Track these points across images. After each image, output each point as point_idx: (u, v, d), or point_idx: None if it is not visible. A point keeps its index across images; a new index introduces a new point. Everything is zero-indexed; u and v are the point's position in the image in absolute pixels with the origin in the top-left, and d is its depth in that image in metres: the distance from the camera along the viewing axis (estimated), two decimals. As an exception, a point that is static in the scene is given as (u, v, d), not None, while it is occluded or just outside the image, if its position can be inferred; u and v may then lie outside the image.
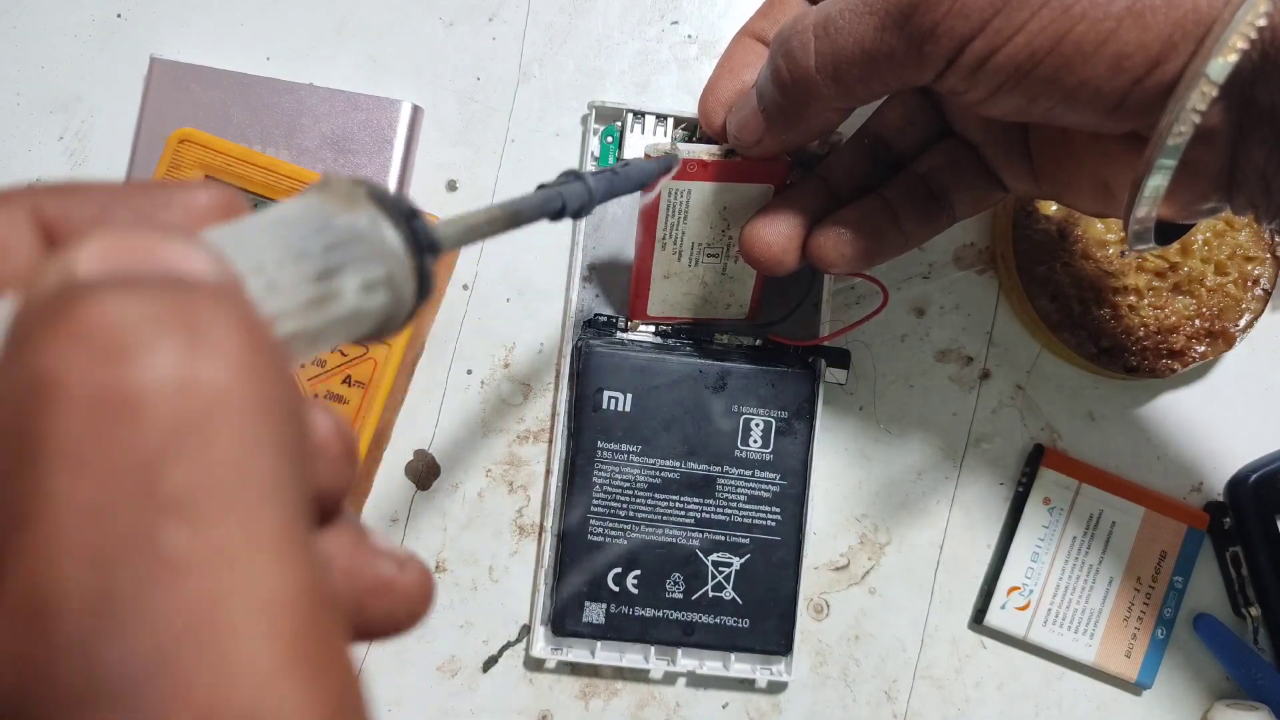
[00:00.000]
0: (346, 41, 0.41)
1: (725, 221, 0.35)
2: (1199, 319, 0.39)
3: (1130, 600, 0.40)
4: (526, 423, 0.40)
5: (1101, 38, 0.24)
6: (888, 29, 0.27)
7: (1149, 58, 0.24)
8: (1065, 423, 0.41)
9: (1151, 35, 0.24)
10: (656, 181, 0.32)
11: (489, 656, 0.40)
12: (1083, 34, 0.24)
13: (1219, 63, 0.23)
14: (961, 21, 0.25)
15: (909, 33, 0.26)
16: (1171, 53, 0.24)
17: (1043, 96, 0.26)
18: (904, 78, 0.28)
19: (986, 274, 0.41)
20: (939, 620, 0.41)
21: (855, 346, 0.41)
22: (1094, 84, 0.25)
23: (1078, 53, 0.25)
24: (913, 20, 0.26)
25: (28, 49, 0.41)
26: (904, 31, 0.26)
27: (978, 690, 0.41)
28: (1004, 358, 0.41)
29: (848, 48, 0.27)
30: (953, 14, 0.25)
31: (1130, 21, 0.24)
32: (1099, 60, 0.25)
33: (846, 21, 0.27)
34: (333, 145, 0.39)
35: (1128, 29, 0.24)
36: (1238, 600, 0.41)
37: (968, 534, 0.41)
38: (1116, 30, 0.24)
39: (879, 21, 0.27)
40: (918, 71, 0.27)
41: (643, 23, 0.42)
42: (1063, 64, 0.25)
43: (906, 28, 0.26)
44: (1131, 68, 0.24)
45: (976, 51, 0.26)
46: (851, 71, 0.28)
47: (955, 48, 0.26)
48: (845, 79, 0.28)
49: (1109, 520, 0.40)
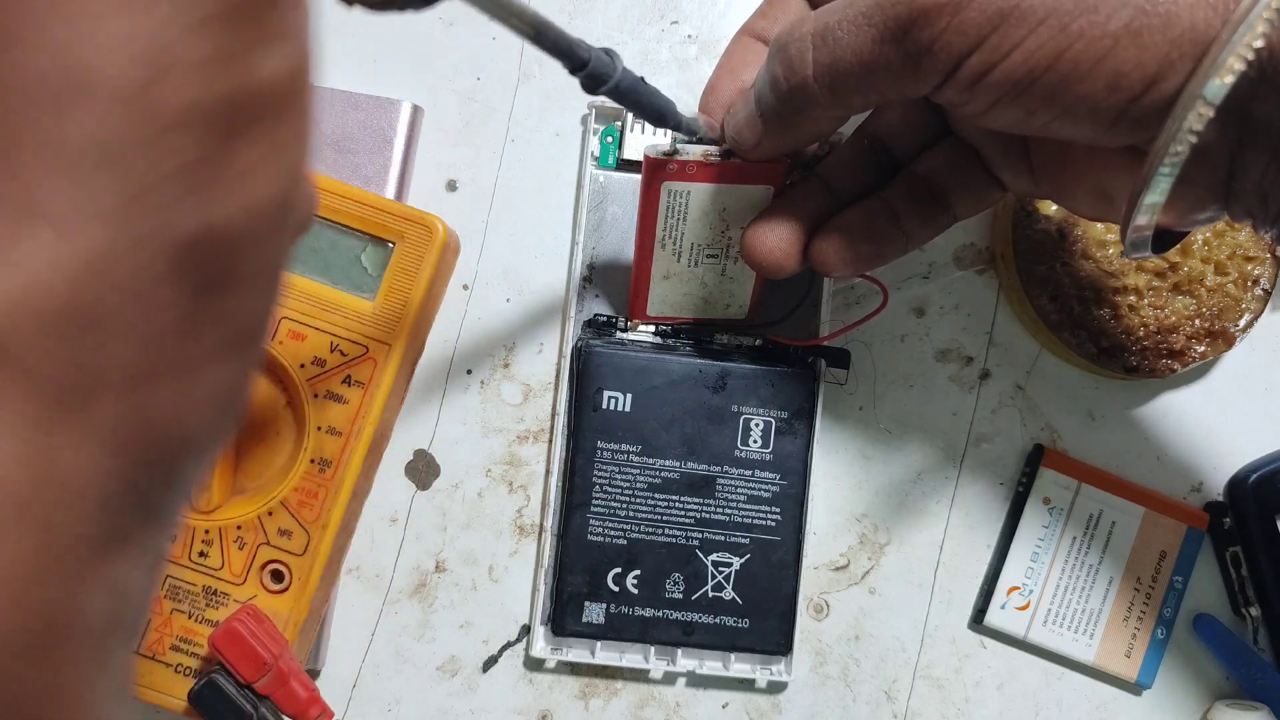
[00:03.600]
0: (346, 41, 0.41)
1: (725, 222, 0.35)
2: (1199, 319, 0.39)
3: (1130, 600, 0.40)
4: (526, 423, 0.40)
5: (1099, 55, 0.24)
6: (885, 42, 0.26)
7: (1146, 76, 0.24)
8: (1065, 423, 0.41)
9: (1149, 54, 0.24)
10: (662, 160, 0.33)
11: (489, 656, 0.40)
12: (1080, 52, 0.24)
13: (1216, 84, 0.23)
14: (959, 37, 0.25)
15: (906, 47, 0.26)
16: (1169, 71, 0.24)
17: (1040, 111, 0.26)
18: (901, 90, 0.28)
19: (986, 274, 0.41)
20: (939, 620, 0.41)
21: (855, 346, 0.41)
22: (1091, 100, 0.25)
23: (1075, 70, 0.25)
24: (910, 35, 0.26)
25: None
26: (901, 45, 0.26)
27: (977, 690, 0.41)
28: (1004, 358, 0.41)
29: (845, 59, 0.27)
30: (950, 29, 0.25)
31: (1128, 40, 0.24)
32: (1096, 78, 0.25)
33: (845, 33, 0.27)
34: (332, 145, 0.39)
35: (1125, 47, 0.24)
36: (1237, 600, 0.41)
37: (967, 534, 0.41)
38: (1114, 48, 0.24)
39: (877, 34, 0.27)
40: (915, 85, 0.27)
41: (642, 22, 0.42)
42: (1060, 81, 0.25)
43: (904, 42, 0.26)
44: (1129, 85, 0.25)
45: (974, 67, 0.26)
46: (848, 82, 0.28)
47: (952, 63, 0.26)
48: (842, 89, 0.28)
49: (1109, 520, 0.40)
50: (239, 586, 0.34)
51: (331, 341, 0.35)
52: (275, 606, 0.34)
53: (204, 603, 0.34)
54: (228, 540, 0.34)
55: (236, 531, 0.34)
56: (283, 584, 0.34)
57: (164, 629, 0.34)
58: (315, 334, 0.35)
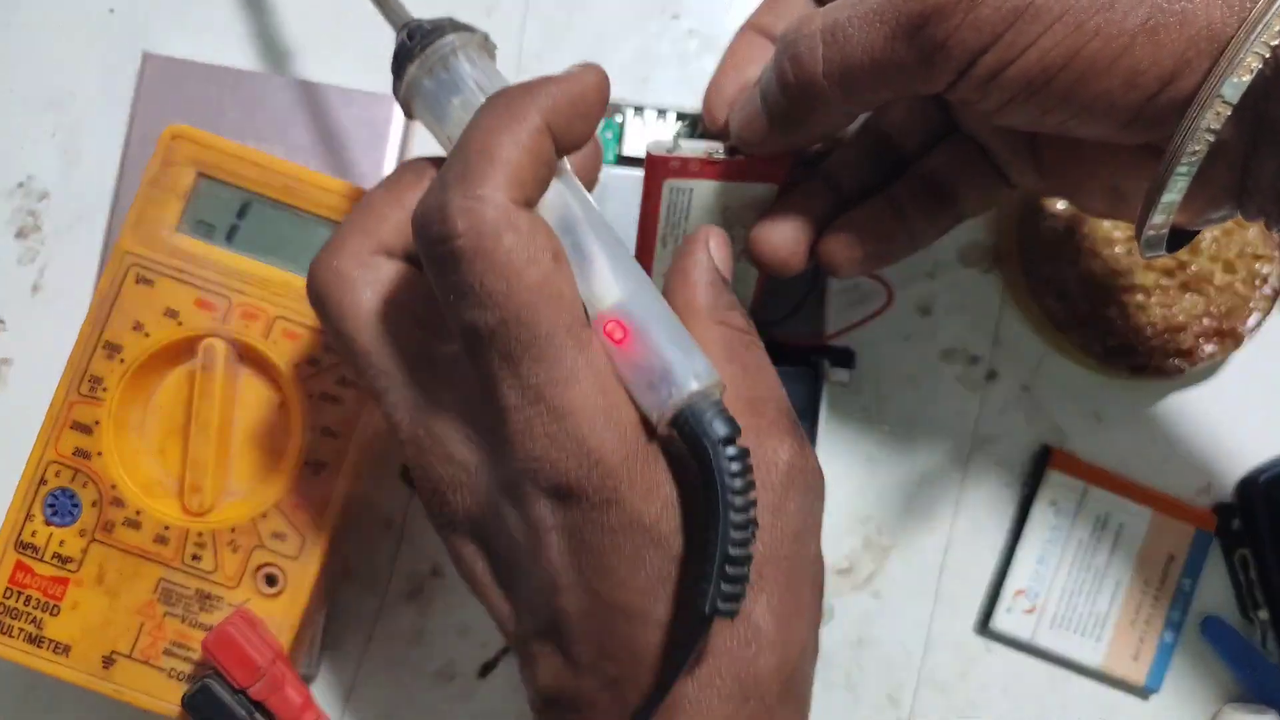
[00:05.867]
0: (341, 36, 0.41)
1: (727, 221, 0.34)
2: (1207, 318, 0.39)
3: (1138, 603, 0.40)
4: (525, 423, 0.40)
5: (1115, 54, 0.24)
6: (898, 39, 0.26)
7: (1162, 74, 0.24)
8: (1072, 423, 0.41)
9: (1165, 53, 0.24)
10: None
11: (486, 661, 0.40)
12: (1096, 50, 0.24)
13: (1233, 82, 0.23)
14: (973, 34, 0.25)
15: (920, 43, 0.26)
16: (1185, 69, 0.24)
17: (1055, 109, 0.26)
18: (913, 87, 0.27)
19: (992, 272, 0.41)
20: (944, 624, 0.40)
21: (859, 346, 0.40)
22: (1107, 99, 0.25)
23: (1091, 69, 0.25)
24: (924, 31, 0.26)
25: (19, 45, 0.41)
26: (914, 42, 0.26)
27: (983, 695, 0.40)
28: (1010, 357, 0.41)
29: (856, 55, 0.27)
30: (965, 26, 0.25)
31: (1144, 39, 0.24)
32: (1112, 76, 0.24)
33: (856, 29, 0.27)
34: (326, 141, 0.39)
35: (1141, 46, 0.24)
36: (1246, 603, 0.40)
37: (973, 537, 0.41)
38: (1130, 47, 0.24)
39: (890, 30, 0.26)
40: (927, 82, 0.27)
41: (643, 17, 0.41)
42: (1076, 79, 0.25)
43: (917, 38, 0.26)
44: (1145, 84, 0.24)
45: (988, 64, 0.25)
46: (860, 79, 0.27)
47: (966, 60, 0.26)
48: (853, 86, 0.28)
49: (1116, 522, 0.40)
50: (233, 590, 0.34)
51: (326, 341, 0.34)
52: (269, 610, 0.34)
53: (197, 606, 0.34)
54: (221, 543, 0.34)
55: (230, 534, 0.34)
56: (277, 588, 0.34)
57: (157, 633, 0.34)
58: (309, 333, 0.34)
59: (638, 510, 0.24)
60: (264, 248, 0.35)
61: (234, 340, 0.34)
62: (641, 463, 0.25)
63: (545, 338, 0.24)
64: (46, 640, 0.34)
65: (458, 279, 0.24)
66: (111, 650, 0.34)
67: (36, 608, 0.34)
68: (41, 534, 0.34)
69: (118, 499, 0.34)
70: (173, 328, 0.34)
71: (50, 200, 0.40)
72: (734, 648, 0.25)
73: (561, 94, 0.25)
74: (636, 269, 0.26)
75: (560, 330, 0.24)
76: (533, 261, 0.24)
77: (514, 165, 0.24)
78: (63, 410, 0.34)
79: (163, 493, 0.34)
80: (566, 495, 0.24)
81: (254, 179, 0.34)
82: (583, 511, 0.24)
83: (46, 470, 0.34)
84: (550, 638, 0.26)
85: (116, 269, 0.34)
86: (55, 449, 0.34)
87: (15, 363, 0.40)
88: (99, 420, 0.34)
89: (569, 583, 0.25)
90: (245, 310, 0.34)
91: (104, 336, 0.34)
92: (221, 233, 0.35)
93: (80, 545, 0.34)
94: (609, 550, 0.24)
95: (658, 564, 0.25)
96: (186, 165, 0.34)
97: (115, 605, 0.34)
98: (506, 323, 0.24)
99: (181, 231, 0.34)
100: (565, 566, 0.25)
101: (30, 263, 0.40)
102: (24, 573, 0.34)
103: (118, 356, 0.34)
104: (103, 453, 0.34)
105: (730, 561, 0.23)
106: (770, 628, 0.25)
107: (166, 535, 0.34)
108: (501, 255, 0.23)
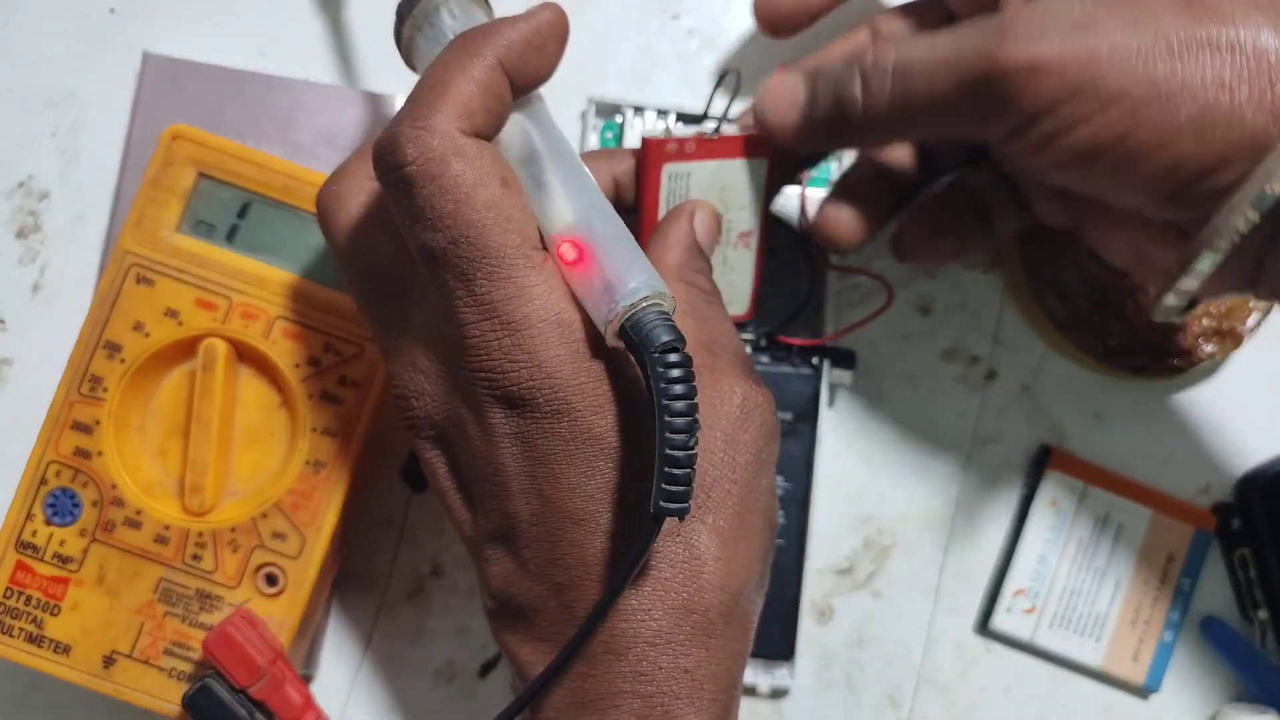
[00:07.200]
0: (341, 36, 0.41)
1: (724, 204, 0.34)
2: (1207, 318, 0.39)
3: (1138, 603, 0.40)
4: (525, 423, 0.40)
5: (1162, 142, 0.26)
6: (963, 89, 0.28)
7: (1203, 167, 0.26)
8: (1072, 423, 0.41)
9: (1208, 150, 0.26)
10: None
11: (486, 661, 0.40)
12: (1146, 137, 0.26)
13: (1266, 194, 0.25)
14: (1033, 101, 0.27)
15: (982, 99, 0.27)
16: (1224, 166, 0.26)
17: (1097, 180, 0.28)
18: (966, 133, 0.29)
19: (992, 272, 0.41)
20: (944, 624, 0.40)
21: (859, 346, 0.40)
22: (1148, 180, 0.27)
23: (1138, 152, 0.26)
24: (987, 89, 0.27)
25: (19, 45, 0.41)
26: (977, 97, 0.28)
27: (983, 695, 0.40)
28: (1010, 357, 0.41)
29: (921, 97, 0.29)
30: (1027, 92, 0.27)
31: (1191, 134, 0.26)
32: (1156, 161, 0.26)
33: (926, 71, 0.29)
34: (327, 141, 0.39)
35: (1187, 140, 0.26)
36: (1246, 603, 0.40)
37: (973, 536, 0.40)
38: (1176, 138, 0.26)
39: (957, 78, 0.28)
40: (982, 132, 0.29)
41: (644, 16, 0.41)
42: (1122, 159, 0.26)
43: (981, 94, 0.27)
44: (1185, 174, 0.26)
45: (1042, 130, 0.27)
46: (919, 118, 0.29)
47: (1023, 122, 0.27)
48: (911, 123, 0.30)
49: (1116, 522, 0.40)
50: (233, 590, 0.34)
51: (326, 340, 0.34)
52: (269, 610, 0.34)
53: (197, 606, 0.34)
54: (221, 543, 0.34)
55: (230, 534, 0.34)
56: (277, 587, 0.34)
57: (157, 633, 0.34)
58: (309, 333, 0.34)
59: (589, 422, 0.25)
60: (264, 248, 0.35)
61: (234, 340, 0.34)
62: (594, 377, 0.26)
63: (495, 256, 0.25)
64: (47, 640, 0.34)
65: (410, 203, 0.25)
66: (112, 650, 0.34)
67: (37, 607, 0.34)
68: (42, 534, 0.34)
69: (118, 499, 0.34)
70: (173, 328, 0.34)
71: (50, 200, 0.40)
72: (679, 561, 0.26)
73: (516, 32, 0.27)
74: (599, 198, 0.27)
75: (510, 249, 0.25)
76: (479, 185, 0.25)
77: (464, 97, 0.25)
78: (63, 410, 0.34)
79: (163, 493, 0.34)
80: (520, 404, 0.26)
81: (254, 179, 0.34)
82: (535, 420, 0.26)
83: (47, 470, 0.34)
84: (502, 542, 0.27)
85: (117, 269, 0.34)
86: (56, 449, 0.34)
87: (15, 363, 0.40)
88: (99, 420, 0.34)
89: (521, 488, 0.26)
90: (245, 310, 0.34)
91: (104, 336, 0.34)
92: (222, 233, 0.35)
93: (81, 545, 0.34)
94: (560, 458, 0.26)
95: (607, 474, 0.26)
96: (187, 165, 0.34)
97: (116, 605, 0.34)
98: (456, 242, 0.25)
99: (182, 231, 0.34)
100: (518, 472, 0.26)
101: (30, 263, 0.40)
102: (24, 572, 0.34)
103: (118, 356, 0.34)
104: (103, 453, 0.34)
105: (671, 463, 0.23)
106: (715, 546, 0.26)
107: (167, 535, 0.34)
108: (448, 180, 0.25)
